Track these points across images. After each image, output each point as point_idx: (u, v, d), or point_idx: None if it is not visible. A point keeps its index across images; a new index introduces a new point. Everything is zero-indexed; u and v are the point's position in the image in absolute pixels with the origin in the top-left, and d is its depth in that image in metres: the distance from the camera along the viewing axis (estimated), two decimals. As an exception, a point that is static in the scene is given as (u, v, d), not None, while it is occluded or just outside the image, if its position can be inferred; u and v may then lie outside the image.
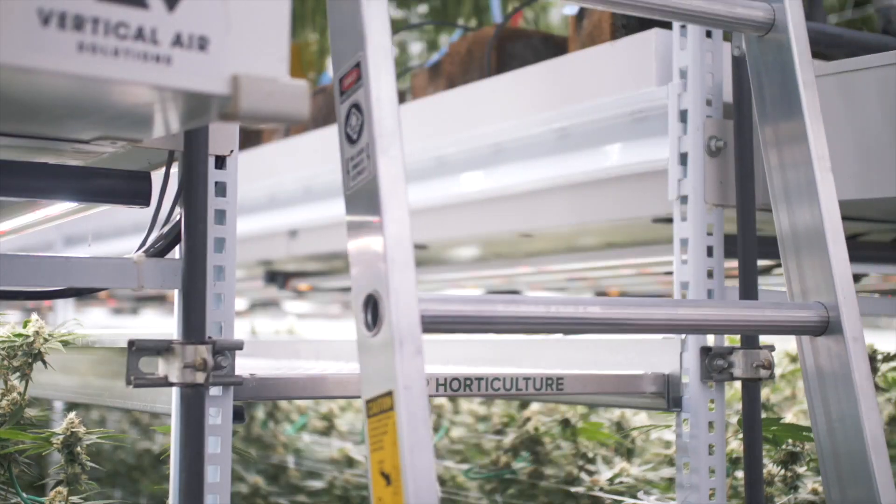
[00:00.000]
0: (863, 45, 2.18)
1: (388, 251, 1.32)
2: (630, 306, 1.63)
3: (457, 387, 1.83)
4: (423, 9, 4.02)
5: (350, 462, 3.45)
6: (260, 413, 3.83)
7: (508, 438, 3.04)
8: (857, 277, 2.96)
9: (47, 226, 2.46)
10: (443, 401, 3.47)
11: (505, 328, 1.57)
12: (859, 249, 2.47)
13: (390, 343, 1.28)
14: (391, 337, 1.28)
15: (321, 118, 3.17)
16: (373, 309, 1.33)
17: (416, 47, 4.27)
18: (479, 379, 1.86)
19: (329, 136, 2.96)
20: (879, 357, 2.72)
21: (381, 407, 1.30)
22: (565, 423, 3.00)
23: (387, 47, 1.39)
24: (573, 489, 2.83)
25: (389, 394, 1.28)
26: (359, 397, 1.79)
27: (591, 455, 2.94)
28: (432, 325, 1.36)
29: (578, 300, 1.59)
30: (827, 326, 1.65)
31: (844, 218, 2.27)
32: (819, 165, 1.75)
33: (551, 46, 2.62)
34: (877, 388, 2.69)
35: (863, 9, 2.93)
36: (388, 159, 1.34)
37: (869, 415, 1.59)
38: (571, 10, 2.40)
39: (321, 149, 2.99)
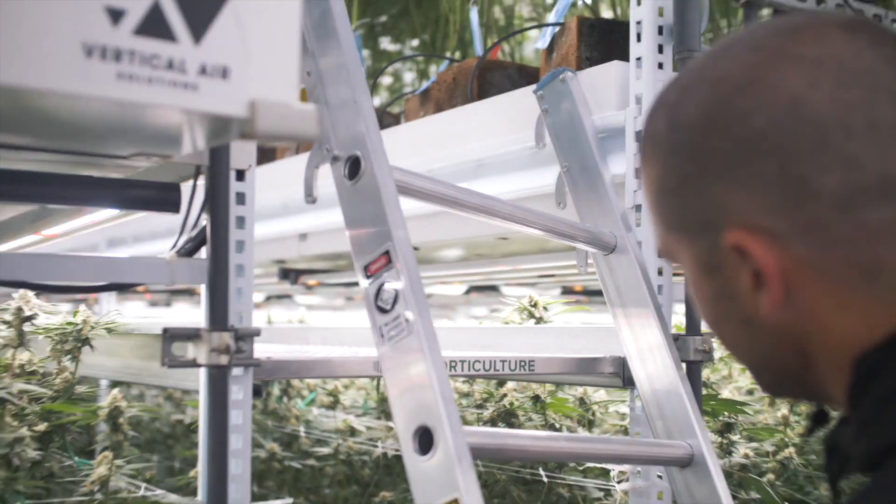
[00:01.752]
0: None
1: (438, 392, 1.37)
2: (583, 441, 1.85)
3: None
4: (415, 42, 4.01)
5: (352, 432, 3.43)
6: (275, 390, 3.82)
7: (487, 412, 3.02)
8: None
9: (92, 230, 2.45)
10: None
11: (527, 458, 2.09)
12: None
13: (450, 465, 1.33)
14: (449, 460, 1.33)
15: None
16: (421, 437, 1.37)
17: (408, 76, 4.26)
18: (463, 361, 1.85)
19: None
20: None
21: (449, 511, 1.36)
22: (536, 398, 2.99)
23: (407, 240, 1.50)
24: (543, 455, 2.83)
25: (456, 500, 1.32)
26: (358, 377, 1.83)
27: (557, 426, 2.93)
28: (478, 451, 1.42)
29: (559, 436, 1.89)
30: (692, 459, 1.74)
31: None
32: (664, 341, 1.88)
33: (526, 76, 2.61)
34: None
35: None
36: (423, 321, 1.43)
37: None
38: (543, 44, 2.39)
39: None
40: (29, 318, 2.14)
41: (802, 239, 0.79)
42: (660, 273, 2.02)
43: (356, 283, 5.27)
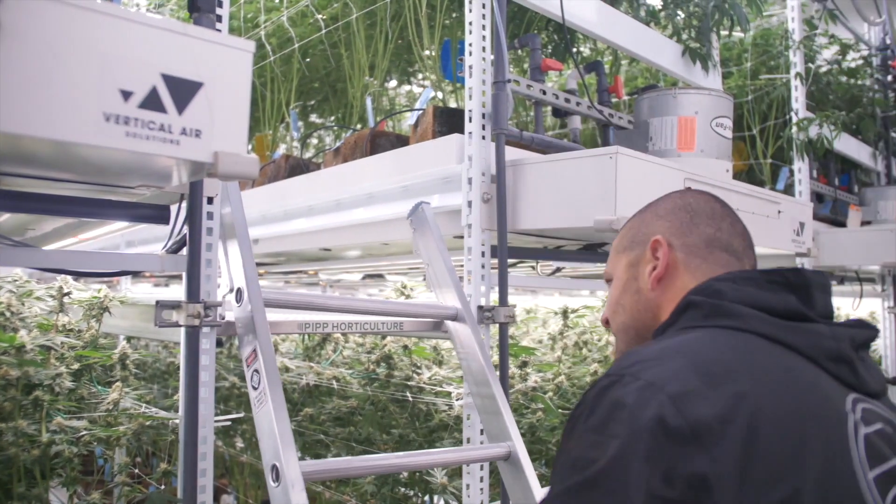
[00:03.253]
0: (561, 147, 2.23)
1: (280, 441, 1.33)
2: (418, 455, 1.62)
3: (344, 328, 1.83)
4: (332, 117, 3.99)
5: (286, 369, 3.39)
6: (236, 341, 3.74)
7: (374, 355, 3.03)
8: (559, 269, 3.03)
9: (113, 234, 2.36)
10: (338, 335, 3.45)
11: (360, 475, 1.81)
12: (561, 255, 2.52)
13: (287, 490, 1.29)
14: (287, 487, 1.30)
15: (271, 177, 3.11)
16: (274, 471, 1.32)
17: (328, 139, 4.23)
18: (358, 322, 1.85)
19: (274, 189, 2.92)
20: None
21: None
22: (405, 347, 3.01)
23: (270, 343, 1.44)
24: (409, 383, 2.85)
25: None
26: (289, 333, 1.80)
27: (419, 364, 2.96)
28: (308, 477, 1.36)
29: (391, 456, 1.59)
30: (510, 455, 1.68)
31: (553, 237, 2.33)
32: (491, 378, 1.76)
33: (401, 141, 2.63)
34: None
35: (564, 128, 3.01)
36: (275, 394, 1.37)
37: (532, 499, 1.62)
38: (412, 121, 2.42)
39: (270, 195, 2.94)
40: (67, 294, 2.07)
41: (681, 250, 1.05)
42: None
43: (293, 272, 5.13)
